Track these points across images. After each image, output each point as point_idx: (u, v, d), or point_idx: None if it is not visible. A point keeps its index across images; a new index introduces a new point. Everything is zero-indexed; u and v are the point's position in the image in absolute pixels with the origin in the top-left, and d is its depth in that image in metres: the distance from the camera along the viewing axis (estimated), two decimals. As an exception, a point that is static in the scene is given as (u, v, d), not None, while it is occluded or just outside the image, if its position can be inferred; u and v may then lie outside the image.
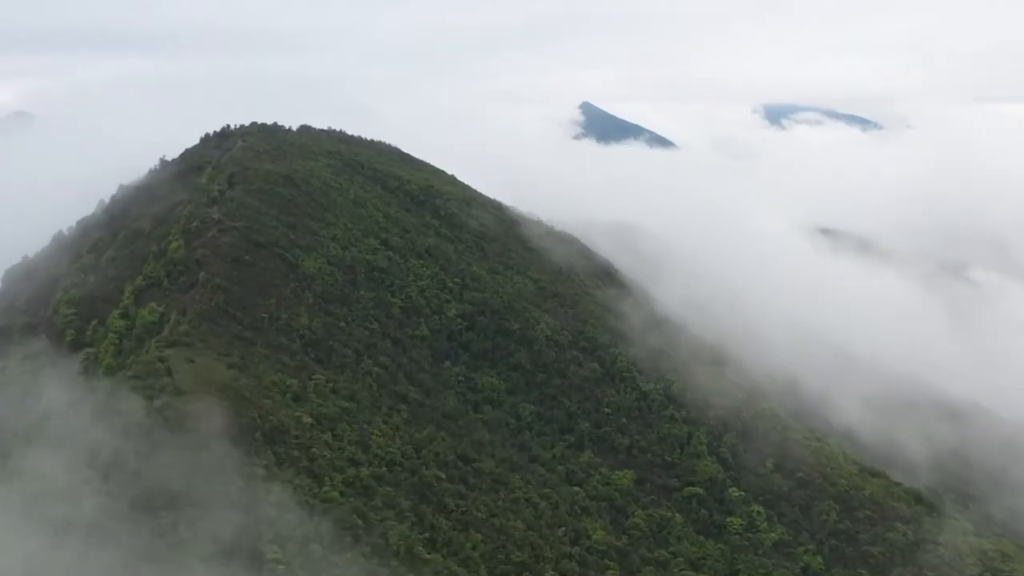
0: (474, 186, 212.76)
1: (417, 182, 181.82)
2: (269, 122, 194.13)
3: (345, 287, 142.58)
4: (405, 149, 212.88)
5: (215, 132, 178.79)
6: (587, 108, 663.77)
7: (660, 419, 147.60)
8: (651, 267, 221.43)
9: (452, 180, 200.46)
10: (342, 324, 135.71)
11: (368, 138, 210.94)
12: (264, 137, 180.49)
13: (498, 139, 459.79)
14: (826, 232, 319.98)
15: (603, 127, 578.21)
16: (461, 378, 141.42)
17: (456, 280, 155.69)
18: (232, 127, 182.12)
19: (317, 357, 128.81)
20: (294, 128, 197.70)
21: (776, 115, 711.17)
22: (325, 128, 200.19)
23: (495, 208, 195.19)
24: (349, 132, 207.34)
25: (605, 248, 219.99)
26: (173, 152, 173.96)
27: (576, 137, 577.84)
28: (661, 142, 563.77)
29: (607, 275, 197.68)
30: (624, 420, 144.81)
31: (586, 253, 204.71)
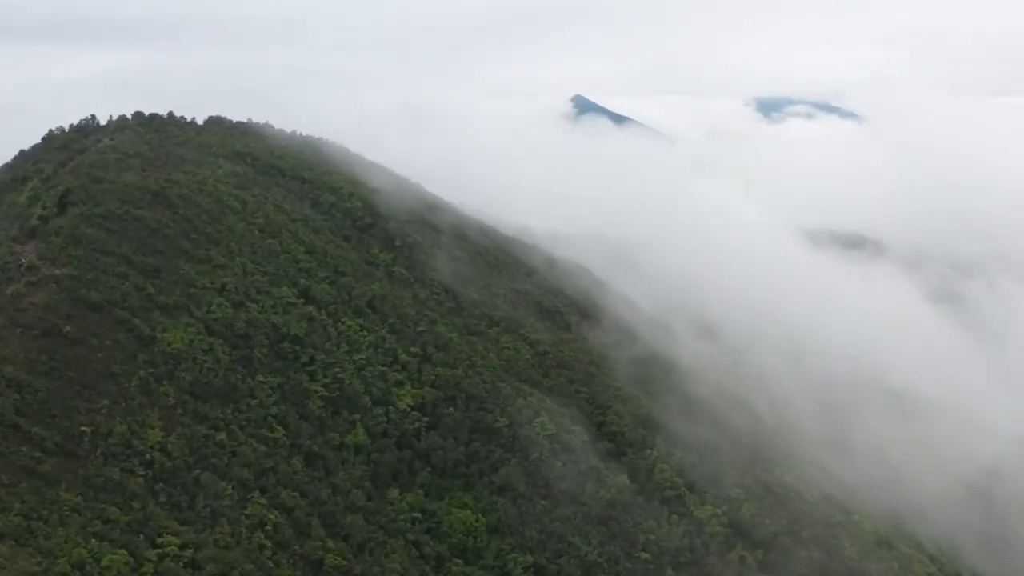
0: (449, 197, 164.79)
1: (364, 197, 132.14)
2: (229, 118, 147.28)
3: (233, 371, 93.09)
4: (375, 149, 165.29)
5: (71, 126, 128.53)
6: (580, 101, 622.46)
7: (725, 565, 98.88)
8: (663, 292, 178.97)
9: (417, 191, 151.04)
10: (221, 436, 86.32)
11: (310, 134, 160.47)
12: (145, 134, 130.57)
13: (484, 136, 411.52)
14: (834, 236, 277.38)
15: (596, 120, 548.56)
16: (416, 515, 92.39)
17: (414, 350, 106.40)
18: (99, 120, 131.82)
19: (172, 501, 79.71)
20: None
21: (768, 108, 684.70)
22: (245, 120, 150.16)
23: (475, 231, 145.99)
24: (324, 130, 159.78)
25: (612, 271, 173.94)
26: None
27: (569, 131, 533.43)
28: (655, 135, 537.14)
29: (628, 320, 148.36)
30: (671, 571, 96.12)
31: (598, 289, 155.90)
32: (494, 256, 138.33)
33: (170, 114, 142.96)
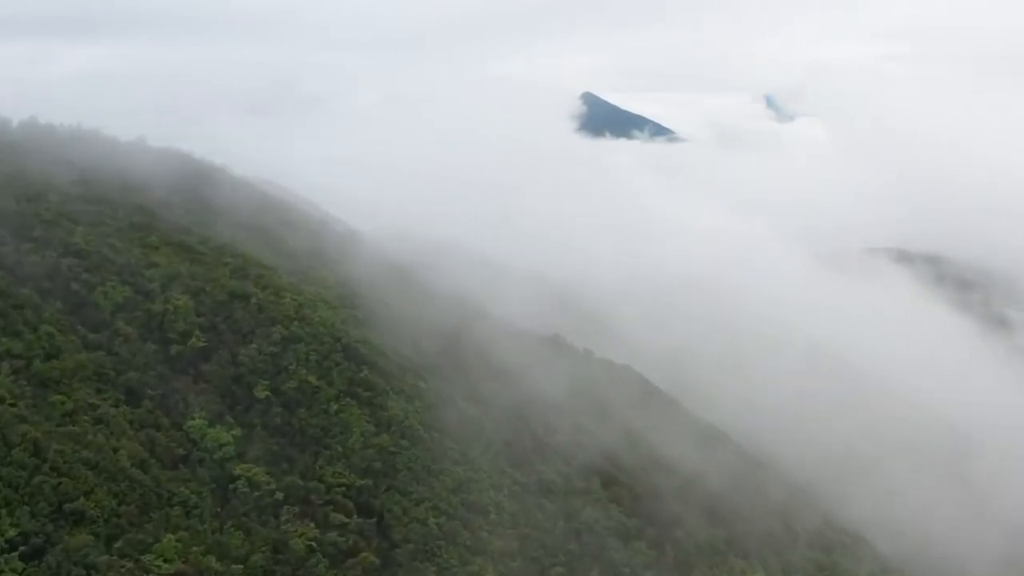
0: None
1: (216, 269, 71.61)
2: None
3: None
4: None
5: None
6: (588, 98, 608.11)
7: None
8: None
9: (340, 248, 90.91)
10: None
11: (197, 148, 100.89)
12: None
13: (482, 140, 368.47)
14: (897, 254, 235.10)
15: (606, 119, 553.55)
16: None
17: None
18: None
19: None
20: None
21: (778, 104, 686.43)
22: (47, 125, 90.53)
23: (446, 338, 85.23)
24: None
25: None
26: None
27: (578, 131, 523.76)
28: (666, 133, 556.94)
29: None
30: None
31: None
32: (474, 387, 77.02)
33: None
